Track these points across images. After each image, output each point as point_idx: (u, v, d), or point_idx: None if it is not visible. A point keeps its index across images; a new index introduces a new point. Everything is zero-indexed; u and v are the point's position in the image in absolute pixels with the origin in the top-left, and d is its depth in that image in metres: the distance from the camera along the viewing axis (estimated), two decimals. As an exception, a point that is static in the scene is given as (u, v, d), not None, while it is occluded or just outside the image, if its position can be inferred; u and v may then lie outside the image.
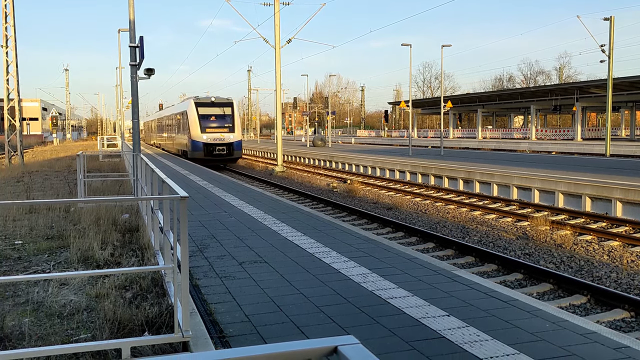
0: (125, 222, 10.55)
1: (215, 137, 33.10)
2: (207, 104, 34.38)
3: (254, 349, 1.35)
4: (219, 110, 34.15)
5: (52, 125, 78.38)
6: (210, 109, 34.00)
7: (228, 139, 33.37)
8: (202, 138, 32.95)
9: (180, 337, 4.58)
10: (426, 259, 7.66)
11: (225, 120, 34.02)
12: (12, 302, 6.12)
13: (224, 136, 33.39)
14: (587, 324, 5.15)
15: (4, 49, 31.01)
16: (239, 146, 34.32)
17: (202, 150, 32.86)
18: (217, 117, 33.91)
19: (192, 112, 33.75)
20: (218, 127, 33.59)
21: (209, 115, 33.69)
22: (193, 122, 33.47)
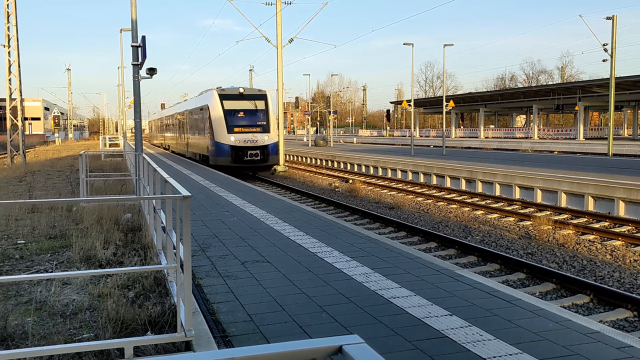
0: (128, 222, 10.55)
1: (246, 139, 26.14)
2: (234, 96, 27.15)
3: (258, 349, 1.35)
4: (250, 105, 27.05)
5: (54, 124, 78.49)
6: (239, 103, 26.97)
7: (262, 141, 26.45)
8: (229, 140, 25.91)
9: (183, 337, 4.58)
10: (428, 259, 7.65)
11: (257, 117, 26.97)
12: (15, 302, 6.12)
13: (256, 137, 26.37)
14: (590, 323, 5.14)
15: (6, 49, 31.04)
16: (275, 150, 27.46)
17: (229, 156, 25.88)
18: (247, 113, 26.95)
19: (216, 106, 26.58)
20: (249, 125, 26.65)
21: (237, 111, 26.69)
22: (217, 120, 26.37)
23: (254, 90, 27.85)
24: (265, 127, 26.86)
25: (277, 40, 30.44)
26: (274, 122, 27.46)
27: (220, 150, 26.24)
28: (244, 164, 26.28)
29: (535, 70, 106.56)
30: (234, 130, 26.23)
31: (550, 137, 59.42)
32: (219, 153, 26.34)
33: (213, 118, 26.59)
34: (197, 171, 23.37)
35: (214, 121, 26.50)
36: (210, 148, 27.12)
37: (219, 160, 26.38)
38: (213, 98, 26.95)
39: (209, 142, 27.49)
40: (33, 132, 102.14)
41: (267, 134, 26.74)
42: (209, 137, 27.23)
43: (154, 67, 16.50)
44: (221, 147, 26.18)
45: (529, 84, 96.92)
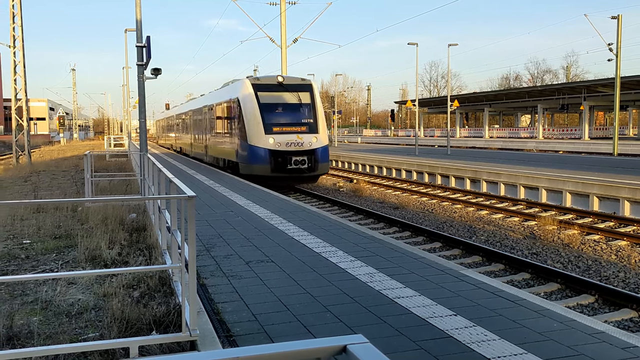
0: (133, 222, 10.58)
1: (289, 141, 20.52)
2: (271, 87, 21.50)
3: (262, 348, 1.35)
4: (292, 97, 21.47)
5: (59, 125, 78.76)
6: (278, 95, 21.47)
7: (309, 144, 20.72)
8: (266, 143, 20.35)
9: (187, 336, 4.59)
10: (433, 259, 7.64)
11: (302, 112, 21.39)
12: (21, 301, 6.15)
13: (302, 139, 20.69)
14: (595, 323, 5.13)
15: (12, 49, 31.16)
16: (326, 155, 21.33)
17: (268, 163, 20.28)
18: (289, 109, 21.45)
19: (249, 100, 21.00)
20: (292, 124, 21.07)
21: (276, 105, 21.23)
22: (251, 117, 20.76)
23: (296, 79, 22.09)
24: (312, 126, 21.09)
25: (281, 40, 30.46)
26: (322, 120, 21.43)
27: (255, 156, 20.41)
28: (287, 173, 20.42)
29: (540, 70, 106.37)
30: (272, 130, 20.44)
31: (555, 137, 59.26)
32: (253, 159, 20.49)
33: (245, 115, 20.87)
34: (202, 171, 23.39)
35: (247, 119, 20.76)
36: (241, 153, 21.33)
37: (253, 168, 20.56)
38: (245, 89, 21.22)
39: (238, 145, 21.60)
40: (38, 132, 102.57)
41: (315, 135, 20.89)
42: (239, 138, 21.48)
43: (158, 67, 16.54)
44: (256, 152, 20.36)
45: (533, 84, 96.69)
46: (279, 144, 20.35)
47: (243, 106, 21.15)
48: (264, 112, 20.70)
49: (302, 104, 21.47)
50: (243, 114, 21.05)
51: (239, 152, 21.65)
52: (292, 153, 20.39)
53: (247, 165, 20.86)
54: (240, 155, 21.52)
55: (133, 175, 18.63)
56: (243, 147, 21.13)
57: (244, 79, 22.27)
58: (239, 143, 21.63)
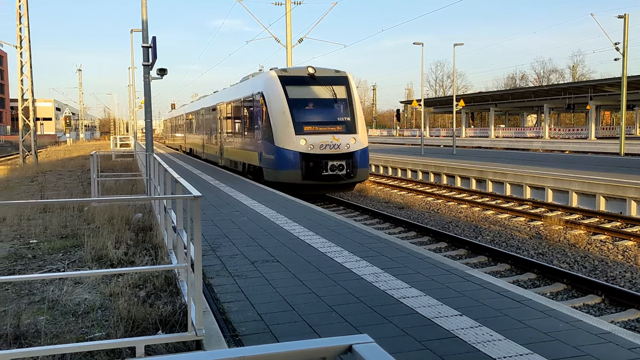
0: (139, 222, 10.62)
1: (323, 143, 17.66)
2: (301, 79, 18.53)
3: (268, 348, 1.36)
4: (325, 92, 18.54)
5: (65, 125, 79.04)
6: (310, 90, 18.51)
7: (346, 146, 17.84)
8: (297, 145, 17.46)
9: (193, 336, 4.61)
10: (438, 259, 7.63)
11: (337, 109, 18.52)
12: (28, 301, 6.18)
13: (338, 140, 17.83)
14: (602, 324, 5.11)
15: (19, 50, 31.30)
16: (365, 159, 18.48)
17: (299, 168, 17.43)
18: (322, 105, 18.53)
19: (276, 94, 18.07)
20: (327, 123, 18.16)
21: (307, 101, 18.38)
22: (278, 115, 17.88)
23: (329, 71, 18.96)
24: (349, 125, 18.21)
25: (286, 40, 30.47)
26: (361, 118, 18.57)
27: (283, 160, 17.55)
28: (321, 180, 17.49)
29: (546, 70, 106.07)
30: (303, 130, 17.54)
31: (561, 137, 59.05)
32: (281, 164, 17.61)
33: (271, 112, 17.98)
34: (207, 171, 23.41)
35: (273, 117, 17.86)
36: (266, 156, 18.37)
37: (281, 174, 17.67)
38: (270, 82, 18.31)
39: (262, 147, 18.63)
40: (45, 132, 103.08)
41: (354, 136, 18.00)
42: (263, 140, 18.54)
43: (164, 68, 16.59)
44: (285, 156, 17.51)
45: (539, 83, 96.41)
46: (312, 146, 17.46)
47: (268, 102, 18.16)
48: (294, 109, 17.75)
49: (338, 99, 18.43)
50: (268, 112, 18.02)
51: (263, 155, 18.55)
52: (328, 157, 17.60)
53: (274, 170, 17.85)
54: (265, 159, 18.42)
55: (139, 175, 18.68)
56: (268, 150, 18.07)
57: (268, 71, 19.11)
58: (263, 145, 18.59)
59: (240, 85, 24.16)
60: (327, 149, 17.67)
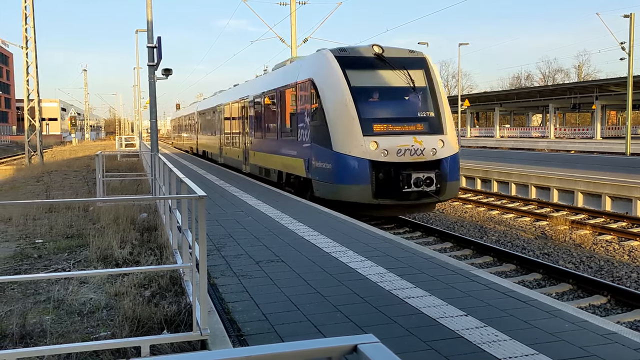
0: (144, 221, 10.64)
1: (401, 147, 13.07)
2: (366, 61, 14.07)
3: (273, 347, 1.36)
4: (398, 78, 13.98)
5: (70, 125, 79.33)
6: (377, 75, 14.03)
7: (432, 151, 13.28)
8: (365, 150, 12.90)
9: (198, 336, 4.61)
10: (444, 259, 7.62)
11: (417, 101, 14.05)
12: (33, 300, 6.20)
13: (422, 143, 13.28)
14: (607, 324, 5.09)
15: (24, 50, 31.42)
16: (456, 169, 13.74)
17: (368, 182, 12.84)
18: (396, 96, 14.14)
19: (332, 81, 13.66)
20: (404, 120, 13.63)
21: (376, 91, 13.87)
22: (337, 109, 13.41)
23: (401, 51, 14.53)
24: (434, 123, 13.67)
25: (291, 40, 30.49)
26: (448, 113, 14.04)
27: (345, 170, 12.94)
28: (402, 199, 12.88)
29: (551, 69, 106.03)
30: (373, 130, 13.01)
31: (566, 137, 58.86)
32: (342, 176, 13.00)
33: (326, 105, 13.47)
34: (212, 170, 23.43)
35: (330, 111, 13.36)
36: (318, 165, 13.84)
37: (341, 190, 13.04)
38: (325, 65, 13.88)
39: (312, 152, 14.18)
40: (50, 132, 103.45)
41: (441, 137, 13.41)
42: (313, 142, 14.17)
43: (169, 68, 16.64)
44: (348, 165, 12.90)
45: (545, 83, 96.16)
46: (386, 151, 12.74)
47: (322, 92, 13.59)
48: (359, 100, 13.13)
49: (416, 87, 13.83)
50: (322, 104, 13.47)
51: (314, 163, 13.99)
52: (408, 166, 12.85)
53: (331, 185, 13.22)
54: (316, 169, 13.85)
55: (144, 175, 18.72)
56: (322, 157, 13.55)
57: (319, 51, 14.76)
58: (313, 150, 14.07)
59: (275, 73, 19.42)
60: (407, 156, 12.89)
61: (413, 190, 12.67)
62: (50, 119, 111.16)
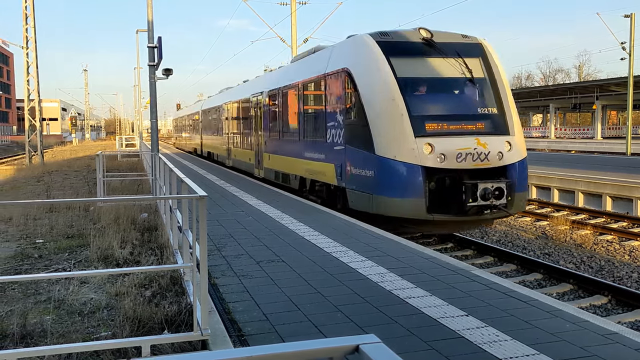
0: (144, 221, 10.64)
1: (460, 150, 10.71)
2: (412, 47, 11.82)
3: (274, 347, 1.36)
4: (452, 67, 11.76)
5: (71, 125, 79.40)
6: (427, 63, 11.76)
7: (498, 155, 10.96)
8: (417, 154, 10.59)
9: (199, 336, 4.61)
10: (444, 259, 7.62)
11: (475, 96, 11.82)
12: (34, 300, 6.20)
13: (485, 145, 10.89)
14: (608, 324, 5.09)
15: (25, 50, 31.43)
16: (524, 176, 11.41)
17: (421, 194, 10.52)
18: (449, 88, 12.00)
19: (375, 71, 11.42)
20: (461, 117, 11.34)
21: (426, 82, 11.69)
22: (380, 104, 11.17)
23: (453, 35, 12.26)
24: (498, 121, 11.49)
25: (291, 40, 30.49)
26: (514, 109, 11.73)
27: (391, 179, 10.84)
28: (465, 214, 10.72)
29: (552, 69, 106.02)
30: (426, 130, 10.91)
31: (567, 137, 58.87)
32: (387, 186, 10.88)
33: (367, 98, 11.36)
34: (213, 170, 23.41)
35: (372, 105, 11.26)
36: (354, 172, 11.73)
37: (386, 204, 10.93)
38: (364, 51, 11.77)
39: (346, 156, 12.08)
40: (51, 132, 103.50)
41: (507, 139, 11.26)
42: (347, 144, 12.05)
43: (170, 68, 16.64)
44: (395, 173, 10.79)
45: (545, 83, 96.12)
46: (443, 155, 10.57)
47: (360, 84, 11.49)
48: (408, 94, 11.03)
49: (474, 78, 11.65)
50: (361, 99, 11.35)
51: (348, 169, 11.89)
52: (472, 174, 10.76)
53: (371, 196, 11.08)
54: (351, 177, 11.76)
55: (144, 175, 18.72)
56: (360, 162, 11.45)
57: (356, 36, 12.51)
58: (347, 153, 11.96)
59: (295, 66, 17.02)
60: (469, 161, 10.68)
61: (480, 205, 10.47)
62: (50, 119, 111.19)
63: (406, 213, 10.72)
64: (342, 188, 12.34)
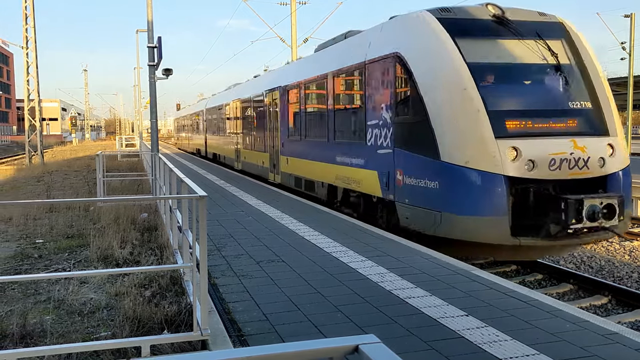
0: (144, 221, 10.63)
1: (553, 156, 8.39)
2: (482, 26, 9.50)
3: (274, 348, 1.35)
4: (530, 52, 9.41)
5: (71, 125, 79.43)
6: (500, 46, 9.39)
7: (599, 162, 8.69)
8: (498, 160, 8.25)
9: (199, 336, 4.60)
10: (445, 259, 7.62)
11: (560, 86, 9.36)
12: (34, 300, 6.20)
13: (584, 149, 8.58)
14: (608, 324, 5.09)
15: (24, 50, 31.44)
16: (630, 188, 9.10)
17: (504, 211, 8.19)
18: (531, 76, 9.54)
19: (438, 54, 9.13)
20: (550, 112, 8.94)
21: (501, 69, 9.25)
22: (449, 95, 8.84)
23: (529, 13, 10.17)
24: (594, 118, 9.29)
25: (291, 40, 30.49)
26: (612, 103, 9.50)
27: (464, 193, 8.57)
28: (563, 238, 8.38)
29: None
30: (507, 130, 8.66)
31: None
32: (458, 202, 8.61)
33: (428, 89, 9.16)
34: (213, 170, 23.40)
35: (434, 99, 9.04)
36: (408, 181, 9.55)
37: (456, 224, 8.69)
38: (424, 30, 9.66)
39: (397, 162, 9.92)
40: (51, 132, 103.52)
41: (609, 140, 9.07)
42: (397, 146, 9.95)
43: (169, 68, 16.64)
44: (469, 184, 8.53)
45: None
46: (532, 162, 8.46)
47: (418, 72, 9.34)
48: (482, 84, 8.92)
49: (560, 65, 9.50)
50: (419, 90, 9.20)
51: (399, 178, 9.74)
52: (566, 185, 8.60)
53: (435, 214, 8.89)
54: (405, 188, 9.58)
55: (144, 175, 18.72)
56: (417, 169, 9.29)
57: (411, 14, 10.28)
58: (398, 158, 9.83)
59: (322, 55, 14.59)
60: (564, 169, 8.54)
61: (584, 227, 8.16)
62: (50, 119, 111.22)
63: (483, 236, 8.44)
64: (389, 201, 10.11)
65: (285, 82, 16.77)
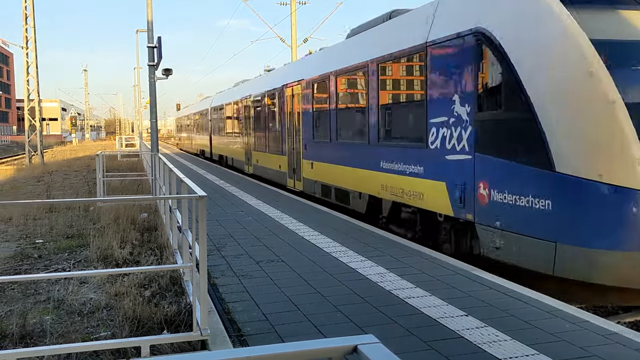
0: (144, 221, 10.63)
1: None
2: None
3: (274, 348, 1.35)
4: None
5: (71, 125, 79.44)
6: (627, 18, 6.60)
7: None
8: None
9: (198, 336, 4.61)
10: (445, 259, 7.62)
11: None
12: (34, 300, 6.20)
13: None
14: (608, 324, 5.09)
15: (24, 50, 31.44)
16: None
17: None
18: None
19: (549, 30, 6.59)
20: None
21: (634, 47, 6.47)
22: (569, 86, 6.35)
23: None
24: None
25: (291, 40, 30.50)
26: None
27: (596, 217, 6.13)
28: None
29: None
30: None
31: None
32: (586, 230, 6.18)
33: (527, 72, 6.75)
34: (213, 171, 23.40)
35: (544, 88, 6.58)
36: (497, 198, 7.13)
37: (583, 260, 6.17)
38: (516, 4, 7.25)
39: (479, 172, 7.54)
40: (51, 132, 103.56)
41: None
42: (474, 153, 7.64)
43: (169, 68, 16.65)
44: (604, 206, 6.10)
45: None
46: None
47: (515, 52, 6.99)
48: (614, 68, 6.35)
49: None
50: (517, 75, 6.87)
51: (482, 193, 7.52)
52: None
53: (546, 244, 6.50)
54: (494, 207, 7.29)
55: (144, 175, 18.72)
56: (517, 181, 6.93)
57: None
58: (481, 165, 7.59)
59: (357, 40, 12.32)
60: None
61: None
62: (50, 119, 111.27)
63: (628, 278, 6.18)
64: (465, 222, 8.04)
65: (308, 75, 14.62)
